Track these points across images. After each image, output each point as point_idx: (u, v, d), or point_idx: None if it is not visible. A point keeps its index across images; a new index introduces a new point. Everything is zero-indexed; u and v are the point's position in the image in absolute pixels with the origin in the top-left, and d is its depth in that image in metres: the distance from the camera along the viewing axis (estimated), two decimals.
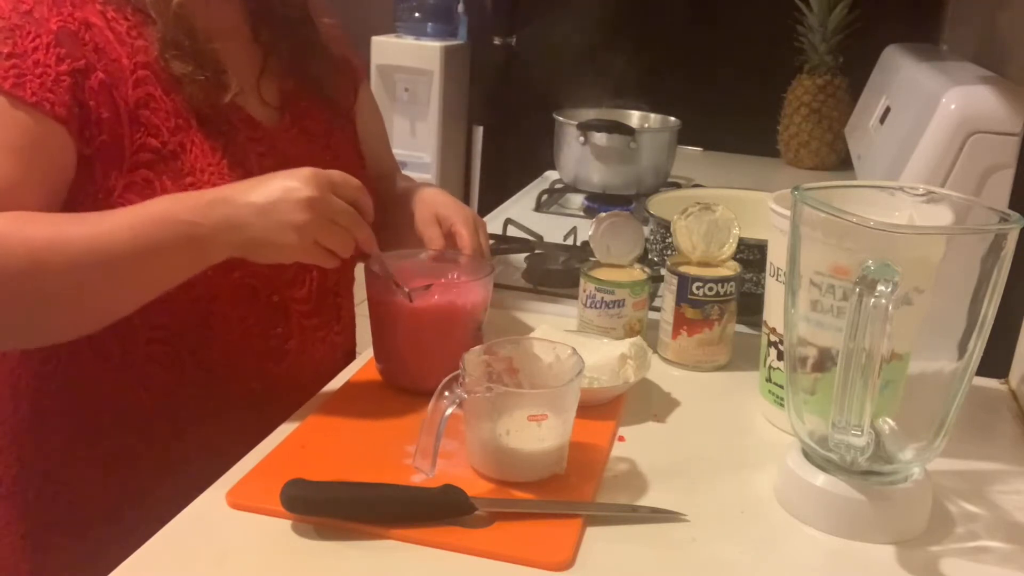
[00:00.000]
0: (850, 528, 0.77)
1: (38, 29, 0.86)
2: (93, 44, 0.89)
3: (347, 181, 0.88)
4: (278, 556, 0.72)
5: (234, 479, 0.79)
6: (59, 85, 0.86)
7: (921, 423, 0.77)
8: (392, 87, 3.09)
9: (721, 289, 1.04)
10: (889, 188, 0.85)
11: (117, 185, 0.89)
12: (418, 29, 3.14)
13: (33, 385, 0.97)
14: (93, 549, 0.73)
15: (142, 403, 0.96)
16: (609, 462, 0.86)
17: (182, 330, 0.95)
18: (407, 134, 3.08)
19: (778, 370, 0.92)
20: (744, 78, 2.26)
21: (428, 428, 0.75)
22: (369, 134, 1.19)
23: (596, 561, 0.72)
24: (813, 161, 2.14)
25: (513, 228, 1.49)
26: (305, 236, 0.84)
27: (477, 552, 0.72)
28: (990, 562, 0.76)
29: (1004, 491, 0.86)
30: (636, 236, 1.10)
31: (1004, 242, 0.71)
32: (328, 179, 0.86)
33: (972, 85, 1.18)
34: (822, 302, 0.77)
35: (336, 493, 0.75)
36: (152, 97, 0.91)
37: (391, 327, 0.95)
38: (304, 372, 1.02)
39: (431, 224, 1.06)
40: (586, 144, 1.74)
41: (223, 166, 0.93)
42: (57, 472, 0.98)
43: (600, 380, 0.93)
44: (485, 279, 0.97)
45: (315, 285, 1.03)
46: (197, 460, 0.83)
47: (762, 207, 0.94)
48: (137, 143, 0.89)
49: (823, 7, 2.04)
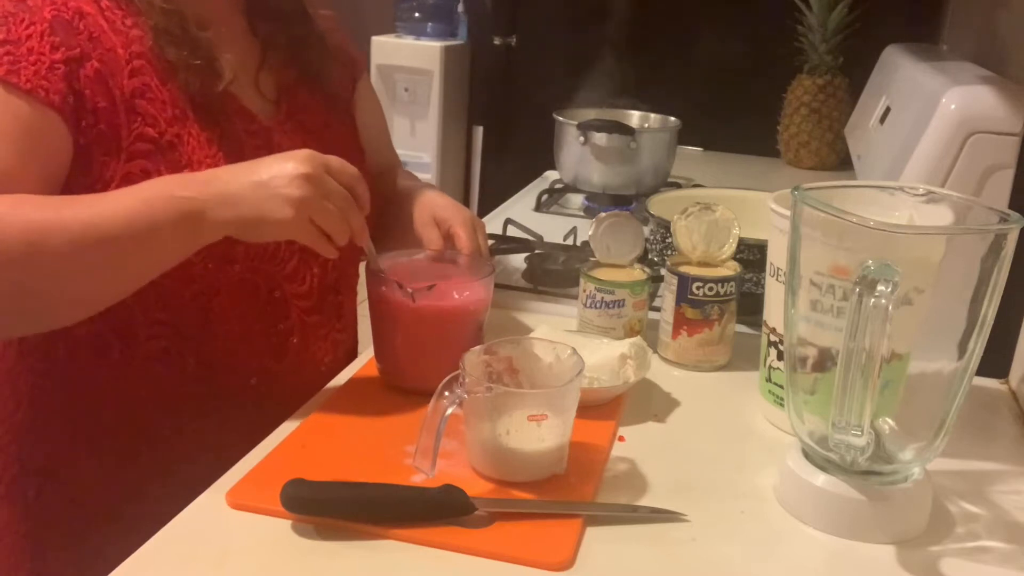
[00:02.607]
0: (850, 528, 0.77)
1: (32, 17, 0.86)
2: (87, 33, 0.89)
3: (344, 167, 0.88)
4: (278, 556, 0.72)
5: (234, 479, 0.79)
6: (54, 73, 0.85)
7: (921, 423, 0.77)
8: (392, 87, 3.09)
9: (721, 289, 1.04)
10: (889, 188, 0.85)
11: (115, 175, 0.89)
12: (418, 29, 3.14)
13: (32, 383, 0.97)
14: (93, 548, 0.73)
15: (142, 400, 0.96)
16: (609, 462, 0.86)
17: (182, 326, 0.95)
18: (407, 134, 3.08)
19: (778, 370, 0.92)
20: (744, 78, 2.26)
21: (428, 428, 0.75)
22: (368, 127, 1.19)
23: (596, 561, 0.72)
24: (813, 161, 2.14)
25: (513, 228, 1.49)
26: (300, 211, 0.83)
27: (477, 552, 0.72)
28: (990, 562, 0.76)
29: (1004, 491, 0.86)
30: (636, 236, 1.10)
31: (1004, 242, 0.71)
32: (324, 161, 0.86)
33: (972, 85, 1.18)
34: (822, 302, 0.77)
35: (336, 493, 0.75)
36: (148, 87, 0.91)
37: (392, 327, 0.95)
38: (305, 369, 1.02)
39: (430, 225, 1.06)
40: (586, 144, 1.73)
41: (219, 158, 0.93)
42: (57, 471, 0.98)
43: (600, 380, 0.93)
44: (486, 279, 0.97)
45: (316, 281, 1.03)
46: (198, 458, 0.83)
47: (762, 207, 0.94)
48: (134, 133, 0.89)
49: (823, 7, 2.04)
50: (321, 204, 0.84)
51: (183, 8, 0.94)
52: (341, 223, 0.87)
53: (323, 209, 0.85)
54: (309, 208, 0.84)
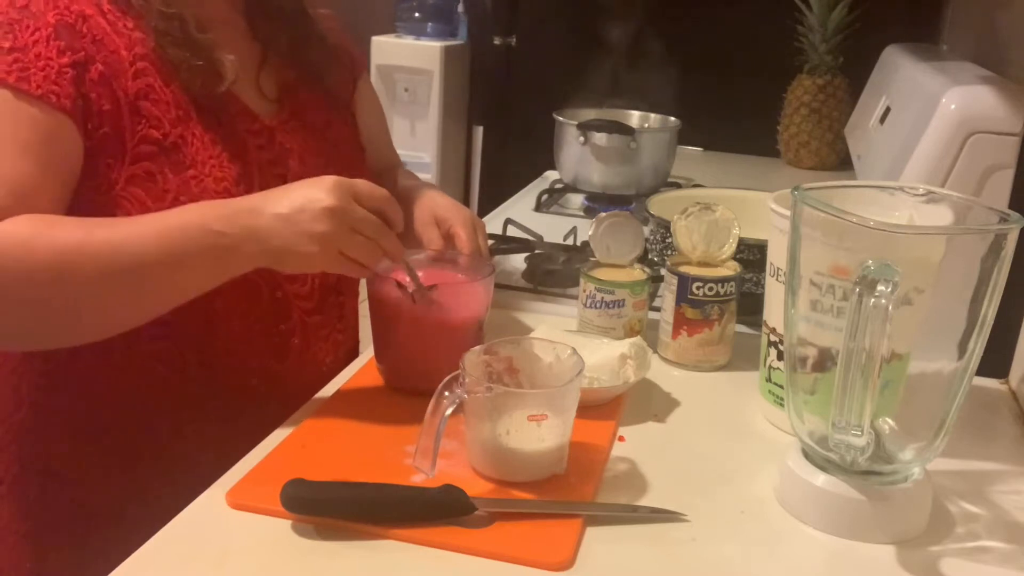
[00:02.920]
0: (850, 528, 0.77)
1: (36, 23, 0.86)
2: (91, 36, 0.89)
3: (372, 191, 0.87)
4: (278, 556, 0.72)
5: (234, 479, 0.79)
6: (63, 77, 0.86)
7: (921, 423, 0.77)
8: (392, 87, 3.09)
9: (721, 289, 1.04)
10: (889, 188, 0.85)
11: (119, 178, 0.89)
12: (418, 29, 3.14)
13: (35, 383, 0.97)
14: (94, 549, 0.73)
15: (145, 401, 0.96)
16: (609, 462, 0.86)
17: (185, 327, 0.95)
18: (407, 134, 3.08)
19: (778, 370, 0.92)
20: (744, 78, 2.26)
21: (428, 428, 0.75)
22: (369, 127, 1.19)
23: (596, 561, 0.72)
24: (813, 161, 2.14)
25: (513, 228, 1.49)
26: (327, 246, 0.83)
27: (477, 552, 0.72)
28: (990, 562, 0.76)
29: (1004, 491, 0.86)
30: (636, 236, 1.10)
31: (1004, 242, 0.71)
32: (352, 188, 0.85)
33: (972, 85, 1.18)
34: (822, 302, 0.77)
35: (336, 493, 0.75)
36: (152, 88, 0.91)
37: (392, 327, 0.95)
38: (307, 370, 1.02)
39: (430, 225, 1.06)
40: (586, 144, 1.73)
41: (223, 158, 0.93)
42: (59, 471, 0.98)
43: (600, 380, 0.93)
44: (486, 279, 0.97)
45: (318, 282, 1.03)
46: (199, 458, 0.84)
47: (762, 207, 0.94)
48: (139, 135, 0.89)
49: (823, 7, 2.04)
50: (349, 237, 0.84)
51: (183, 11, 0.94)
52: (372, 251, 0.86)
53: (351, 241, 0.85)
54: (336, 243, 0.84)
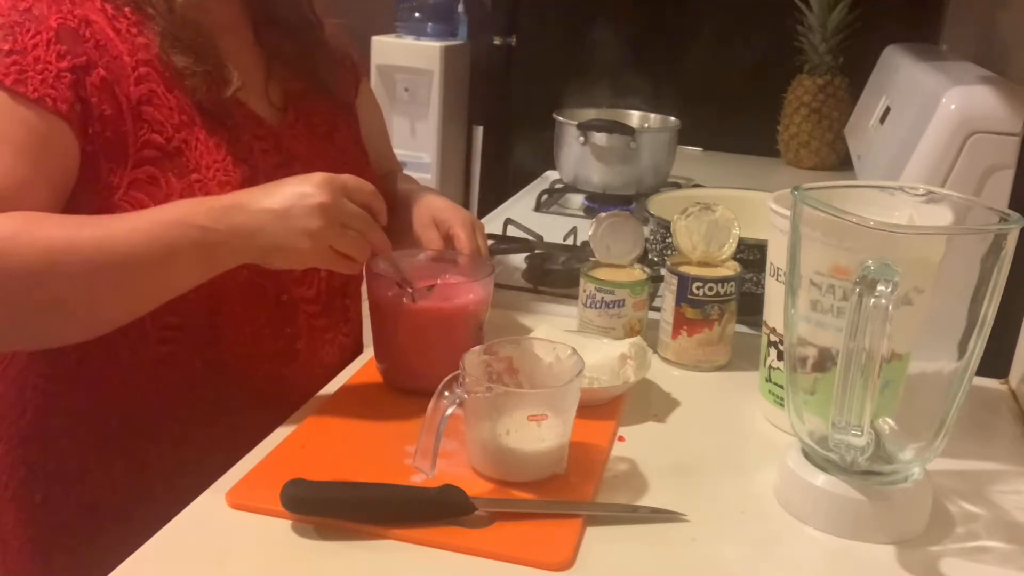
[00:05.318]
0: (850, 528, 0.77)
1: (38, 26, 0.86)
2: (94, 41, 0.89)
3: (361, 186, 0.88)
4: (278, 556, 0.72)
5: (234, 479, 0.79)
6: (60, 81, 0.86)
7: (921, 423, 0.77)
8: (392, 87, 3.08)
9: (721, 289, 1.04)
10: (889, 188, 0.85)
11: (122, 182, 0.89)
12: (418, 29, 3.14)
13: (41, 387, 0.97)
14: (101, 552, 0.72)
15: (151, 404, 0.96)
16: (609, 462, 0.86)
17: (192, 331, 0.95)
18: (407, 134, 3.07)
19: (778, 370, 0.92)
20: (744, 78, 2.26)
21: (428, 428, 0.75)
22: (370, 132, 1.19)
23: (596, 561, 0.72)
24: (813, 161, 2.14)
25: (513, 228, 1.49)
26: (319, 242, 0.84)
27: (477, 552, 0.72)
28: (990, 562, 0.76)
29: (1004, 491, 0.86)
30: (636, 236, 1.10)
31: (1004, 242, 0.71)
32: (341, 184, 0.86)
33: (972, 85, 1.18)
34: (822, 302, 0.77)
35: (336, 493, 0.75)
36: (155, 94, 0.91)
37: (392, 327, 0.95)
38: (313, 374, 1.02)
39: (429, 227, 1.06)
40: (586, 144, 1.73)
41: (228, 163, 0.93)
42: (65, 474, 0.97)
43: (600, 380, 0.93)
44: (486, 279, 0.97)
45: (324, 285, 1.04)
46: (206, 461, 0.83)
47: (762, 207, 0.94)
48: (141, 139, 0.89)
49: (823, 7, 2.04)
50: (340, 232, 0.85)
51: (188, 18, 0.94)
52: (362, 245, 0.87)
53: (342, 236, 0.85)
54: (327, 238, 0.85)
